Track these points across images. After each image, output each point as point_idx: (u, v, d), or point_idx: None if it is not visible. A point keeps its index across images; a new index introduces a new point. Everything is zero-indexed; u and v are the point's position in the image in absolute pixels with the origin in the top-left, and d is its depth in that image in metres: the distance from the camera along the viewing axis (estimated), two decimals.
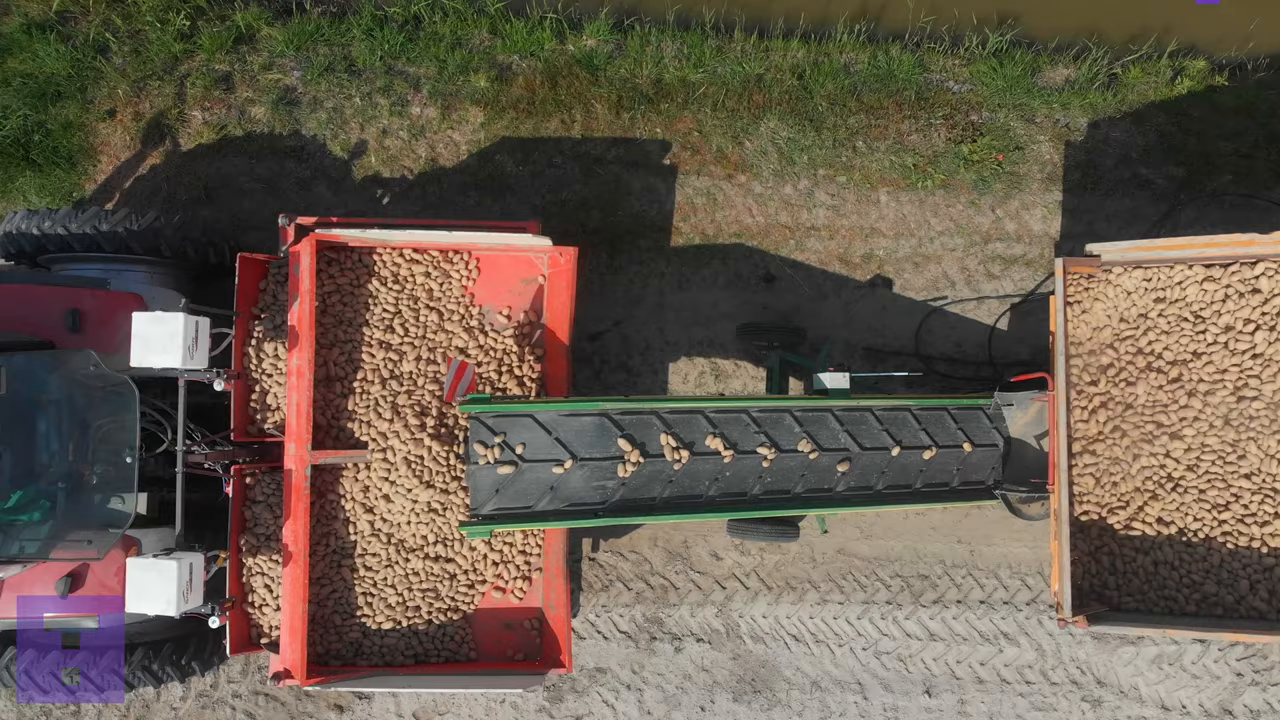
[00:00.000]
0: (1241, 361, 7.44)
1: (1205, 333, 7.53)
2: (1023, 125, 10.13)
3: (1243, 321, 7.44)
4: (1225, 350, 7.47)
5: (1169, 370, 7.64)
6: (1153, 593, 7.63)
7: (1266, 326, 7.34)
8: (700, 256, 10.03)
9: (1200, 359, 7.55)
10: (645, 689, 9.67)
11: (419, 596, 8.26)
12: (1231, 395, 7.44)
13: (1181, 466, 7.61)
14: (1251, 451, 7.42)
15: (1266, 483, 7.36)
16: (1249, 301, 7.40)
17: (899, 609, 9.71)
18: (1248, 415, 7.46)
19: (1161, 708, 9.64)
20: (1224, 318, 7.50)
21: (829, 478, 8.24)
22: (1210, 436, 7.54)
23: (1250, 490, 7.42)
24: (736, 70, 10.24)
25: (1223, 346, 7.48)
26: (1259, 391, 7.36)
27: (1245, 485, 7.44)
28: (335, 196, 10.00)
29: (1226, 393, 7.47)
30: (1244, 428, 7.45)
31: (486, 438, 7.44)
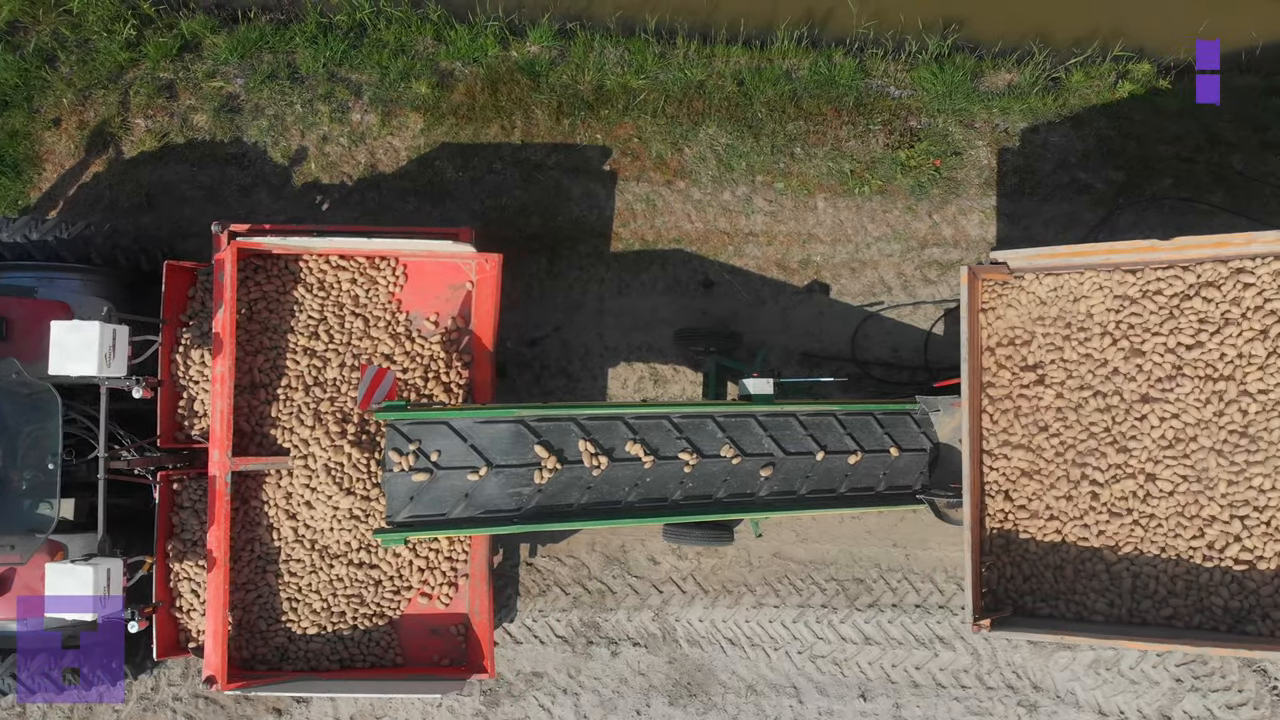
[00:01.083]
0: (1148, 367, 7.44)
1: (1115, 339, 7.54)
2: (961, 130, 10.15)
3: (1150, 327, 7.45)
4: (1133, 355, 7.48)
5: (1080, 375, 7.65)
6: (1063, 599, 7.64)
7: (1173, 331, 7.34)
8: (640, 262, 10.07)
9: (1109, 365, 7.56)
10: (581, 693, 9.71)
11: (344, 602, 8.32)
12: (1141, 401, 7.44)
13: (1093, 472, 7.61)
14: (1163, 458, 7.42)
15: (1177, 492, 7.36)
16: (1154, 306, 7.40)
17: (834, 613, 9.73)
18: (1160, 419, 7.46)
19: (1099, 713, 9.65)
20: (1132, 324, 7.50)
21: (752, 482, 8.27)
22: (1122, 441, 7.54)
23: (1161, 499, 7.42)
24: (678, 77, 10.27)
25: (1131, 352, 7.48)
26: (1183, 398, 7.35)
27: (1158, 494, 7.43)
28: (276, 203, 10.06)
29: (1137, 399, 7.47)
30: (1155, 434, 7.45)
31: (401, 445, 7.50)
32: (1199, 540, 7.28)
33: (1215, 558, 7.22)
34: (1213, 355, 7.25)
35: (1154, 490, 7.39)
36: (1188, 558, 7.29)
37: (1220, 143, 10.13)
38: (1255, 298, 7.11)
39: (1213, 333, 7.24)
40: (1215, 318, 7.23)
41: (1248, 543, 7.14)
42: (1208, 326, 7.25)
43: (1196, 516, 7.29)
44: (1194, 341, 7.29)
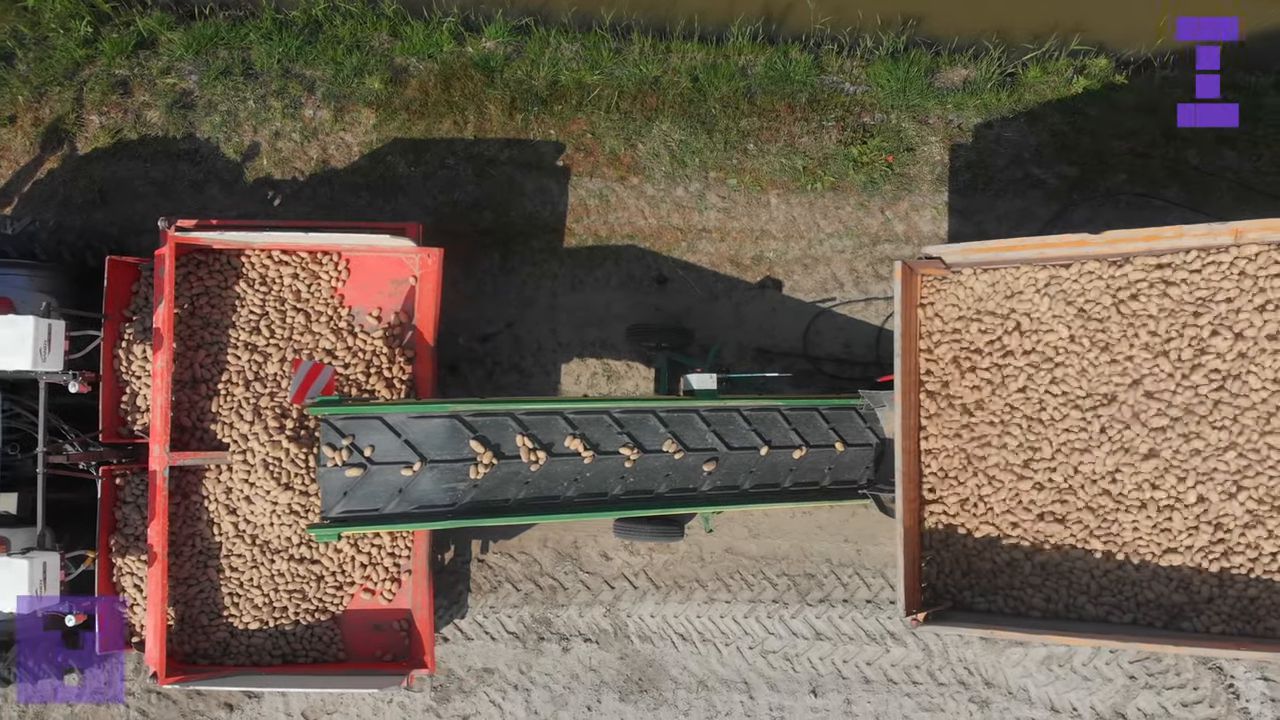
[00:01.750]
0: (1085, 363, 7.42)
1: (1050, 332, 7.52)
2: (915, 126, 10.12)
3: (1086, 322, 7.43)
4: (1070, 349, 7.46)
5: (1017, 371, 7.63)
6: (1001, 594, 7.62)
7: (1108, 327, 7.32)
8: (593, 258, 10.06)
9: (1045, 361, 7.54)
10: (532, 689, 9.70)
11: (285, 597, 8.32)
12: (1083, 394, 7.41)
13: (1030, 467, 7.59)
14: (1097, 453, 7.40)
15: (1110, 485, 7.34)
16: (1089, 300, 7.38)
17: (785, 608, 9.72)
18: (1095, 415, 7.44)
19: (1051, 709, 9.62)
20: (1069, 319, 7.48)
21: (695, 477, 8.26)
22: (1057, 437, 7.53)
23: (1096, 494, 7.40)
24: (634, 73, 10.26)
25: (1067, 346, 7.47)
26: (1113, 391, 7.33)
27: (1092, 489, 7.42)
28: (228, 199, 10.06)
29: (1074, 395, 7.45)
30: (1098, 428, 7.43)
31: (335, 440, 7.49)
32: (1134, 535, 7.25)
33: (1151, 553, 7.20)
34: (1147, 351, 7.22)
35: (1091, 486, 7.36)
36: (1123, 553, 7.27)
37: (1176, 138, 10.10)
38: (1188, 292, 7.09)
39: (1149, 329, 7.21)
40: (1152, 312, 7.20)
41: (1183, 539, 7.11)
42: (1144, 322, 7.23)
43: (1131, 511, 7.27)
44: (1129, 337, 7.27)
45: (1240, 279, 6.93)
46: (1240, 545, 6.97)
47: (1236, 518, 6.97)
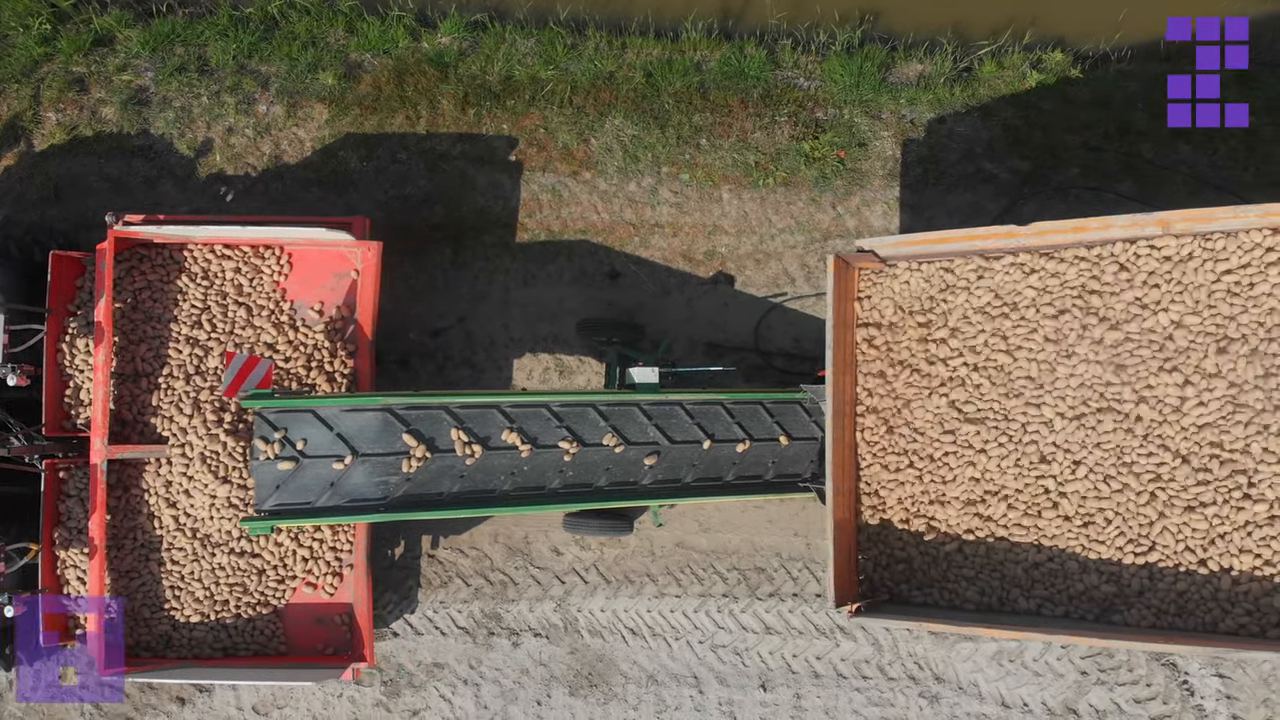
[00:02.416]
0: (1012, 358, 7.41)
1: (984, 329, 7.50)
2: (867, 122, 10.11)
3: (1018, 316, 7.41)
4: (999, 344, 7.44)
5: (951, 365, 7.62)
6: (936, 587, 7.61)
7: (1040, 320, 7.31)
8: (546, 252, 10.07)
9: (978, 354, 7.53)
10: (482, 684, 9.71)
11: (227, 591, 8.34)
12: (1012, 389, 7.39)
13: (962, 462, 7.58)
14: (1027, 449, 7.38)
15: (1040, 480, 7.32)
16: (1020, 293, 7.37)
17: (735, 602, 9.72)
18: (1022, 411, 7.42)
19: (1002, 705, 9.60)
20: (1003, 312, 7.47)
21: (636, 471, 8.26)
22: (989, 431, 7.51)
23: (1026, 489, 7.38)
24: (589, 68, 10.27)
25: (997, 340, 7.45)
26: (1042, 384, 7.32)
27: (1022, 483, 7.40)
28: (181, 194, 10.09)
29: (1007, 389, 7.43)
30: (1024, 423, 7.41)
31: (268, 433, 7.51)
32: (1064, 529, 7.24)
33: (1081, 546, 7.18)
34: (1078, 344, 7.20)
35: (1021, 481, 7.35)
36: (1054, 546, 7.26)
37: (1130, 131, 10.08)
38: (1119, 282, 7.07)
39: (1077, 323, 7.20)
40: (1075, 305, 7.19)
41: (1110, 532, 7.10)
42: (1071, 316, 7.21)
43: (1060, 505, 7.25)
44: (1056, 331, 7.25)
45: (1170, 271, 6.91)
46: (1164, 540, 6.94)
47: (1159, 513, 6.95)
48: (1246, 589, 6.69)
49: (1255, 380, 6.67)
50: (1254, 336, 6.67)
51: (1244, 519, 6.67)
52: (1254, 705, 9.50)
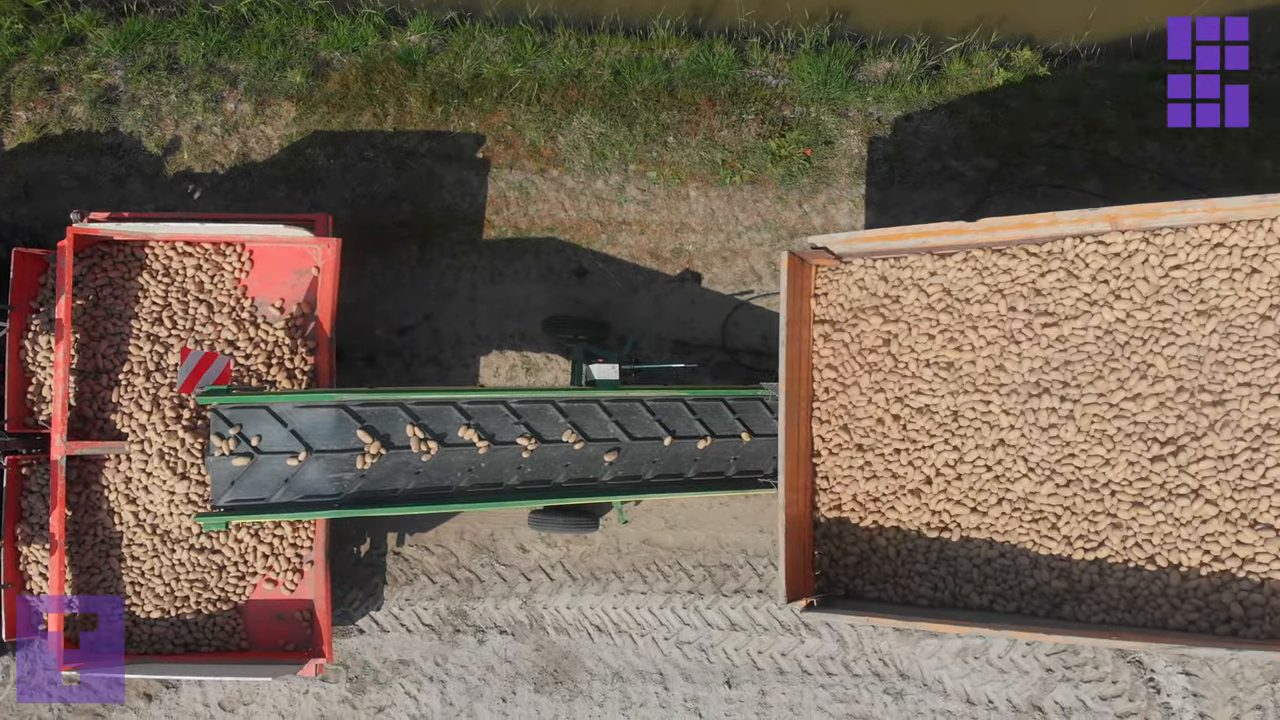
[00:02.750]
0: (964, 355, 7.42)
1: (938, 325, 7.51)
2: (834, 120, 10.12)
3: (970, 311, 7.42)
4: (951, 341, 7.45)
5: (906, 362, 7.63)
6: (890, 583, 7.62)
7: (994, 316, 7.32)
8: (513, 250, 10.09)
9: (930, 350, 7.54)
10: (448, 681, 9.73)
11: (187, 587, 8.36)
12: (964, 385, 7.40)
13: (917, 458, 7.59)
14: (978, 443, 7.39)
15: (996, 475, 7.33)
16: (972, 288, 7.38)
17: (701, 599, 9.73)
18: (973, 406, 7.43)
19: (967, 702, 9.61)
20: (955, 309, 7.48)
21: (595, 467, 8.27)
22: (939, 427, 7.52)
23: (978, 481, 7.39)
24: (557, 66, 10.28)
25: (949, 336, 7.46)
26: (991, 380, 7.33)
27: (976, 476, 7.41)
28: (149, 192, 10.12)
29: (962, 385, 7.44)
30: (973, 419, 7.42)
31: (223, 429, 7.53)
32: (1014, 525, 7.25)
33: (1031, 541, 7.19)
34: (1026, 340, 7.22)
35: (974, 475, 7.36)
36: (1005, 542, 7.26)
37: (1098, 129, 10.08)
38: (1067, 278, 7.08)
39: (1029, 320, 7.21)
40: (1024, 301, 7.20)
41: (1060, 527, 7.10)
42: (1024, 312, 7.22)
43: (1009, 501, 7.26)
44: (1008, 326, 7.26)
45: (1119, 267, 6.92)
46: (1110, 537, 6.95)
47: (1106, 509, 6.95)
48: (1195, 585, 6.69)
49: (1199, 377, 6.68)
50: (1198, 333, 6.67)
51: (1190, 515, 6.68)
52: (1221, 703, 9.50)
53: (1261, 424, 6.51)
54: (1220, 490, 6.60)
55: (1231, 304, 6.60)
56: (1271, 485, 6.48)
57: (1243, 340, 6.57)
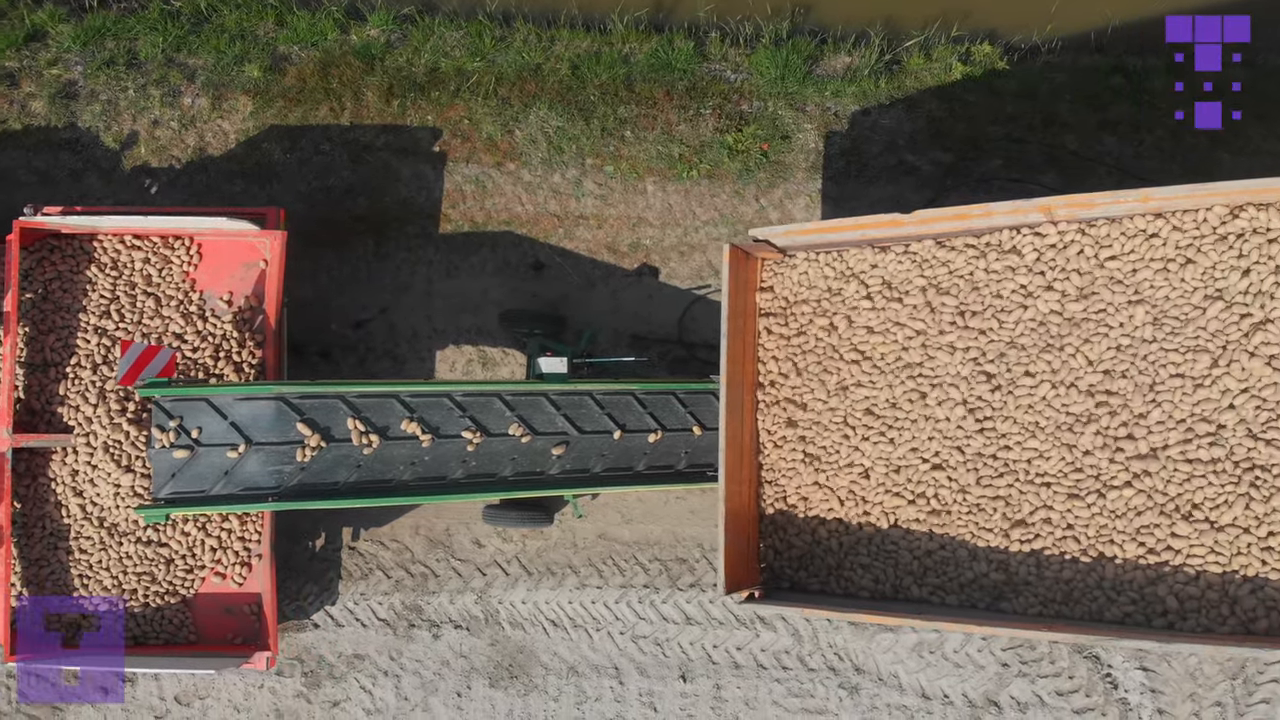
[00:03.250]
0: (904, 347, 7.40)
1: (874, 315, 7.50)
2: (791, 114, 10.11)
3: (909, 305, 7.41)
4: (892, 330, 7.44)
5: (844, 354, 7.61)
6: (833, 576, 7.61)
7: (925, 302, 7.30)
8: (469, 244, 10.08)
9: (870, 343, 7.52)
10: (403, 675, 9.73)
11: (135, 580, 8.37)
12: (913, 370, 7.38)
13: (858, 452, 7.57)
14: (916, 435, 7.38)
15: (936, 468, 7.32)
16: (912, 280, 7.36)
17: (657, 593, 9.72)
18: (911, 399, 7.41)
19: (922, 696, 9.59)
20: (897, 302, 7.47)
21: (543, 461, 8.27)
22: (878, 420, 7.51)
23: (916, 473, 7.38)
24: (516, 60, 10.28)
25: (891, 327, 7.44)
26: (928, 372, 7.32)
27: (915, 468, 7.40)
28: (106, 187, 10.12)
29: (904, 378, 7.42)
30: (910, 411, 7.41)
31: (164, 421, 7.53)
32: (953, 517, 7.23)
33: (970, 533, 7.17)
34: (963, 332, 7.20)
35: (912, 468, 7.35)
36: (945, 534, 7.25)
37: (1055, 123, 10.06)
38: (1004, 270, 7.06)
39: (966, 311, 7.20)
40: (962, 293, 7.18)
41: (997, 519, 7.09)
42: (960, 303, 7.21)
43: (947, 492, 7.25)
44: (945, 318, 7.25)
45: (1055, 258, 6.90)
46: (1046, 529, 6.93)
47: (1042, 501, 6.94)
48: (1131, 578, 6.67)
49: (1132, 368, 6.66)
50: (1132, 324, 6.65)
51: (1124, 507, 6.66)
52: (1180, 700, 9.48)
53: (1195, 415, 6.49)
54: (1154, 482, 6.58)
55: (1165, 295, 6.58)
56: (1205, 477, 6.46)
57: (1176, 331, 6.55)
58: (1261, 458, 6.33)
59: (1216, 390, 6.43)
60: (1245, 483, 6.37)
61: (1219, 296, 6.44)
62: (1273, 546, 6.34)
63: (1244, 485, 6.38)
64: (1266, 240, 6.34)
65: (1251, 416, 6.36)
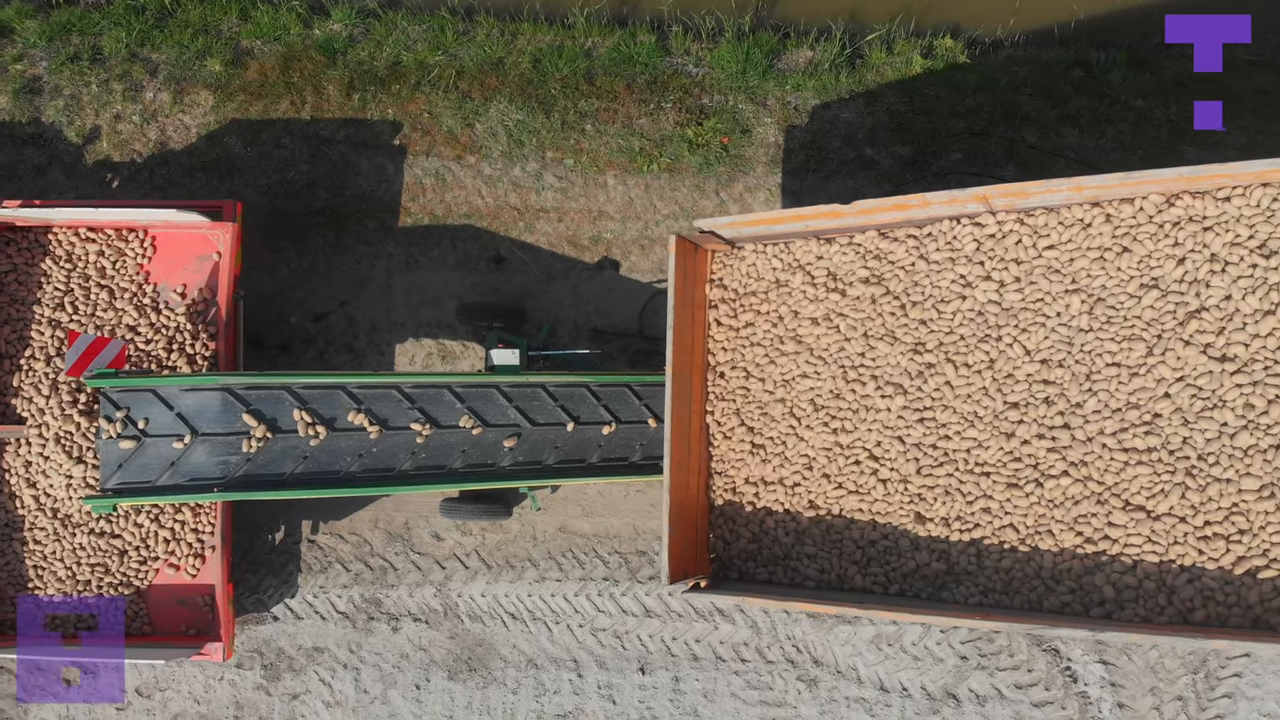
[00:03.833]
0: (846, 339, 7.41)
1: (819, 306, 7.51)
2: (752, 108, 10.12)
3: (846, 293, 7.42)
4: (835, 321, 7.44)
5: (788, 343, 7.62)
6: (780, 565, 7.61)
7: (867, 293, 7.31)
8: (429, 237, 10.10)
9: (815, 334, 7.53)
10: (362, 668, 9.75)
11: (89, 571, 8.39)
12: (854, 361, 7.38)
13: (805, 444, 7.58)
14: (857, 426, 7.39)
15: (878, 458, 7.32)
16: (854, 271, 7.37)
17: (616, 585, 9.73)
18: (852, 389, 7.42)
19: (881, 689, 9.59)
20: (836, 288, 7.47)
21: (494, 453, 8.28)
22: (821, 411, 7.52)
23: (859, 463, 7.38)
24: (478, 54, 10.29)
25: (834, 318, 7.45)
26: (868, 363, 7.32)
27: (857, 458, 7.40)
28: (69, 181, 10.15)
29: (842, 364, 7.43)
30: (851, 402, 7.41)
31: (111, 412, 7.55)
32: (895, 507, 7.23)
33: (911, 523, 7.17)
34: (902, 322, 7.20)
35: (855, 457, 7.35)
36: (888, 524, 7.25)
37: (1015, 116, 10.06)
38: (943, 260, 7.06)
39: (906, 302, 7.20)
40: (903, 283, 7.18)
41: (938, 509, 7.09)
42: (900, 294, 7.21)
43: (890, 483, 7.25)
44: (885, 308, 7.26)
45: (994, 248, 6.90)
46: (985, 519, 6.93)
47: (981, 491, 6.94)
48: (1069, 567, 6.67)
49: (1069, 357, 6.66)
50: (1069, 313, 6.65)
51: (1062, 496, 6.66)
52: (1140, 693, 9.47)
53: (1130, 404, 6.49)
54: (1090, 471, 6.58)
55: (1102, 284, 6.58)
56: (1141, 465, 6.45)
57: (1112, 320, 6.55)
58: (1197, 446, 6.33)
59: (1152, 379, 6.42)
60: (1181, 471, 6.37)
61: (1155, 285, 6.44)
62: (1209, 536, 6.33)
63: (1180, 474, 6.37)
64: (1201, 228, 6.34)
65: (1187, 405, 6.35)
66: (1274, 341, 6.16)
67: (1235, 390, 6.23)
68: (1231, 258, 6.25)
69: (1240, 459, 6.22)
